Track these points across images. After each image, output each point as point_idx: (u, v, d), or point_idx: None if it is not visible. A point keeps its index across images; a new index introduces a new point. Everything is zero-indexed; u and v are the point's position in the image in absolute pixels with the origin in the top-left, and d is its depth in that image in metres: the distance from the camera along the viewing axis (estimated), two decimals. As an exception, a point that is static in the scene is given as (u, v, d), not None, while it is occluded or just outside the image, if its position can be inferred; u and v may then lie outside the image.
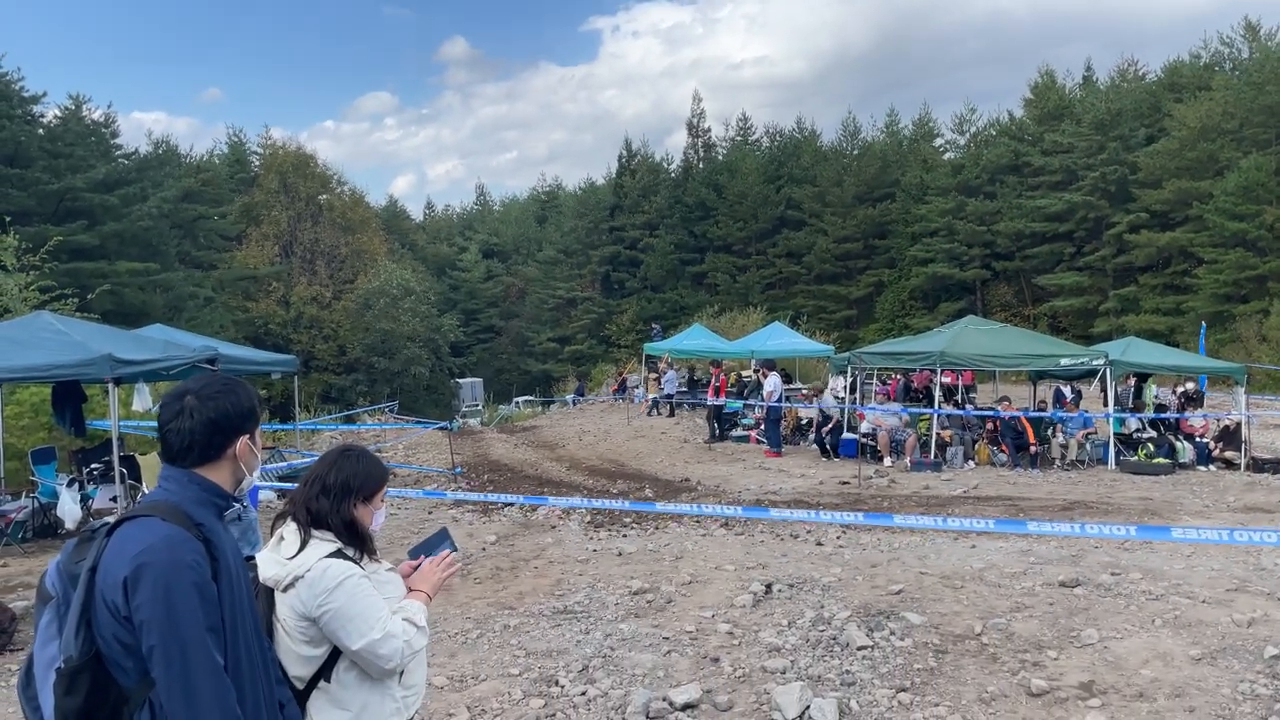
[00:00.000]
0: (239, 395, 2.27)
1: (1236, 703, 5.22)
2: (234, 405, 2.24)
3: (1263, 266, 38.61)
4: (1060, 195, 48.96)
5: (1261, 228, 38.57)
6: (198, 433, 2.16)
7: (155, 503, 2.10)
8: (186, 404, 2.19)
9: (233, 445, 2.22)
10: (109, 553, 1.98)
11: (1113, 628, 6.50)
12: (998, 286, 53.90)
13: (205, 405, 2.19)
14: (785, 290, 60.37)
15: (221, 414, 2.20)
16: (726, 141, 71.10)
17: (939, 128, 62.95)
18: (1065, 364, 17.59)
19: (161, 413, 2.22)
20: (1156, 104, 47.69)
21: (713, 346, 26.68)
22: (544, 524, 11.17)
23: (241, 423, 2.25)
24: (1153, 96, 49.15)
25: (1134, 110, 48.56)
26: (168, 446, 2.19)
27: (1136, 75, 53.93)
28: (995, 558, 8.66)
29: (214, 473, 2.20)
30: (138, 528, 2.01)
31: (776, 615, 7.02)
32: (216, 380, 2.28)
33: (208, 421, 2.17)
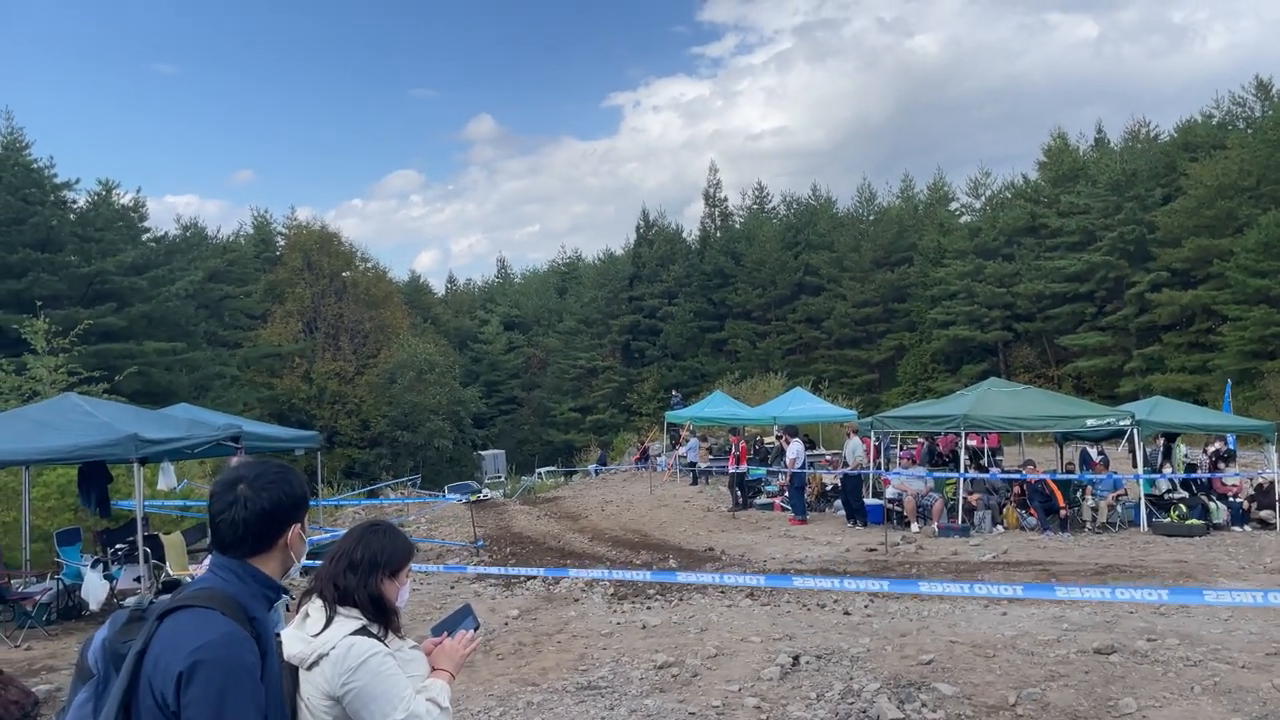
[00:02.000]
0: (291, 484, 2.24)
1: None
2: (287, 494, 2.21)
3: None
4: (1079, 256, 48.96)
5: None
6: (251, 523, 2.13)
7: (212, 592, 2.04)
8: (240, 493, 2.16)
9: (285, 535, 2.19)
10: (161, 640, 1.93)
11: (1151, 696, 6.33)
12: (1020, 348, 53.64)
13: (259, 495, 2.16)
14: (806, 355, 60.34)
15: (275, 503, 2.17)
16: (743, 210, 71.98)
17: (954, 192, 63.52)
18: (1092, 425, 17.37)
19: (213, 501, 2.19)
20: (1171, 163, 47.89)
21: (734, 413, 26.61)
22: (567, 597, 11.05)
23: (294, 512, 2.23)
24: (1167, 156, 49.38)
25: (1149, 170, 48.77)
26: (219, 535, 2.15)
27: (1149, 136, 54.28)
28: (1027, 625, 8.47)
29: (265, 563, 2.17)
30: (194, 619, 1.95)
31: (805, 688, 6.88)
32: (269, 468, 2.25)
33: (261, 512, 2.14)
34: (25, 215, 35.59)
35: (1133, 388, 41.76)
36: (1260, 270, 38.99)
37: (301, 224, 58.69)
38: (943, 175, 66.26)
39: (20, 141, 38.71)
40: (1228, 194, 41.98)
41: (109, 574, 11.36)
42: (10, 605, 10.77)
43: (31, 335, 19.83)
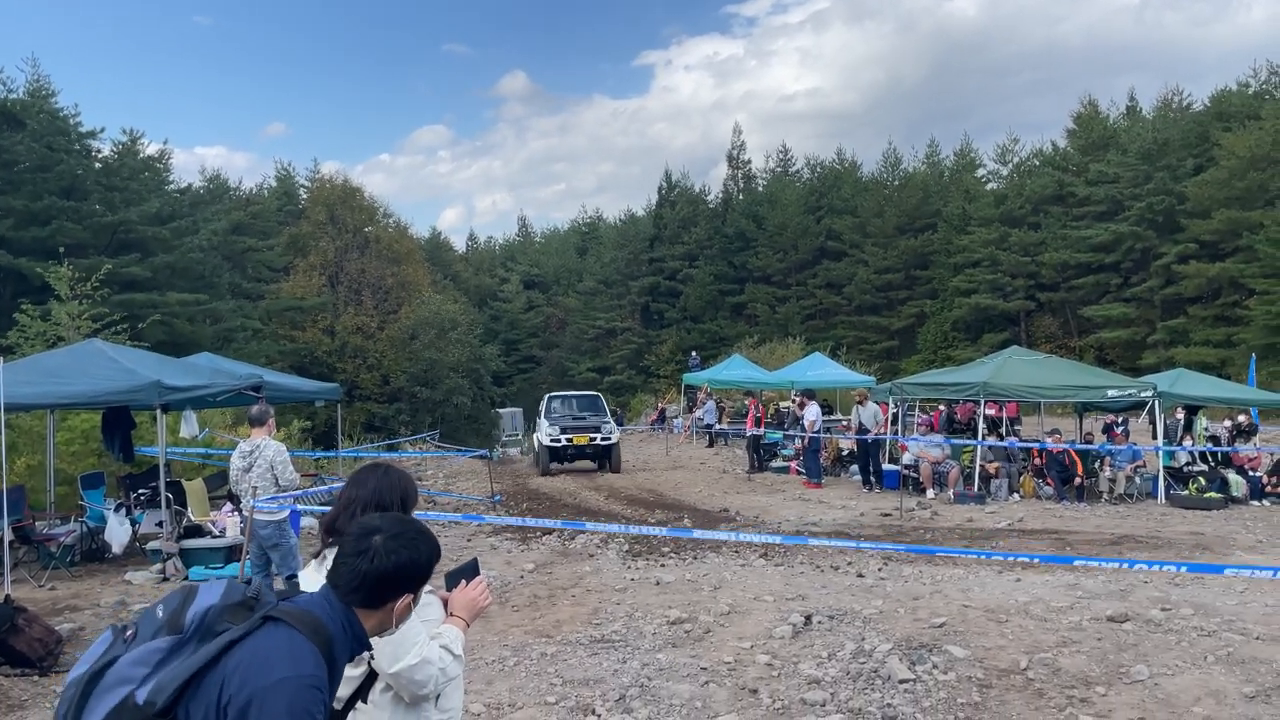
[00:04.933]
0: (424, 550, 2.20)
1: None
2: (416, 560, 2.16)
3: (1317, 298, 37.69)
4: (1106, 225, 48.33)
5: (1317, 259, 37.71)
6: (372, 578, 2.09)
7: (318, 624, 1.99)
8: (374, 545, 2.12)
9: (396, 600, 2.15)
10: (252, 649, 1.88)
11: (1163, 664, 6.33)
12: (1042, 318, 53.20)
13: (391, 554, 2.11)
14: (825, 321, 60.09)
15: (401, 567, 2.13)
16: (767, 173, 71.33)
17: (981, 158, 62.67)
18: (1113, 395, 17.24)
19: (346, 542, 2.17)
20: (1204, 133, 47.01)
21: (752, 377, 26.61)
22: (582, 553, 11.15)
23: (415, 582, 2.19)
24: (1200, 126, 48.47)
25: (1181, 140, 47.92)
26: (337, 573, 2.12)
27: (1182, 105, 53.26)
28: (1041, 591, 8.48)
29: (367, 617, 2.12)
30: (290, 645, 1.90)
31: (816, 647, 6.93)
32: (411, 527, 2.22)
33: (385, 572, 2.10)
34: (50, 163, 35.66)
35: (1155, 360, 41.37)
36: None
37: (324, 178, 58.68)
38: (970, 141, 65.57)
39: (46, 89, 38.69)
40: (1260, 165, 41.21)
41: (132, 518, 11.54)
42: (35, 546, 10.98)
43: (56, 281, 19.98)
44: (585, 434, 20.91)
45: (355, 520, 2.76)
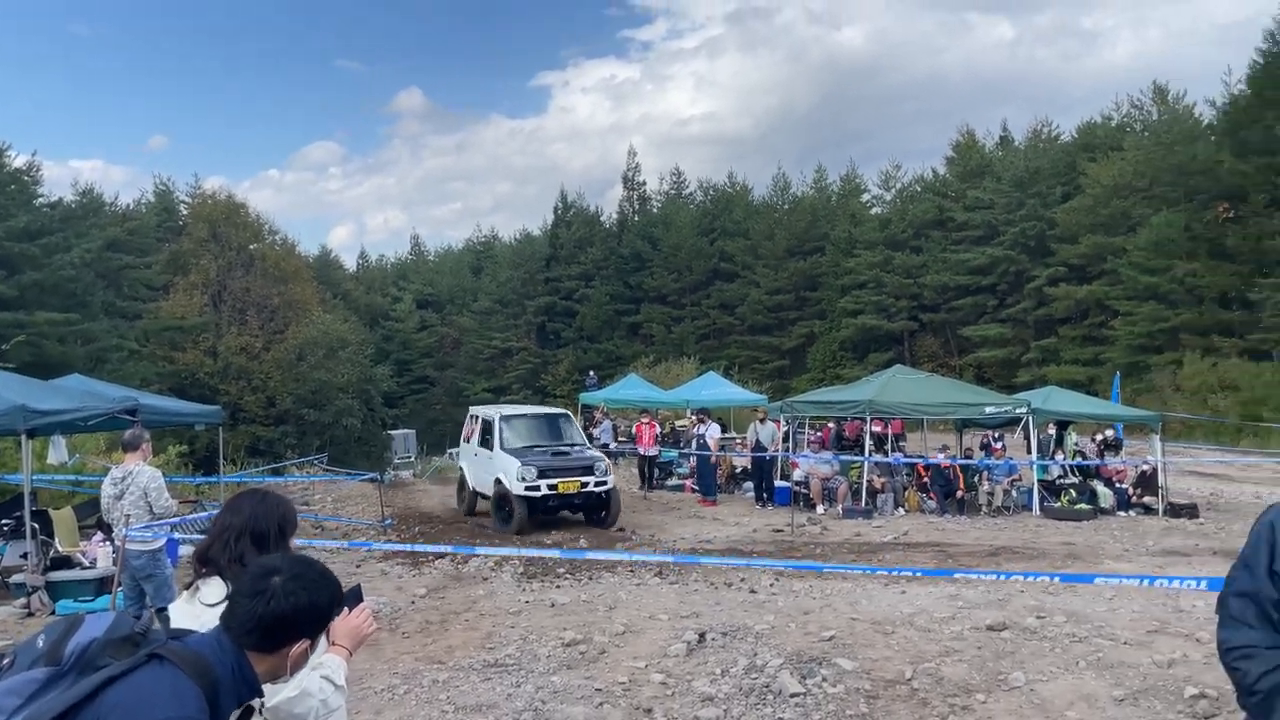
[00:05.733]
0: (326, 593, 2.13)
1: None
2: (314, 604, 2.09)
3: (1174, 319, 40.24)
4: (983, 249, 50.56)
5: (1173, 281, 40.28)
6: (267, 620, 2.00)
7: (206, 666, 1.90)
8: (272, 586, 2.03)
9: (292, 645, 2.06)
10: (131, 689, 1.79)
11: (1039, 670, 6.62)
12: (925, 338, 55.15)
13: (289, 596, 2.03)
14: (719, 341, 60.95)
15: (300, 610, 2.05)
16: (662, 195, 72.12)
17: (866, 183, 64.72)
18: (990, 412, 18.04)
19: (243, 581, 2.08)
20: (1072, 163, 49.67)
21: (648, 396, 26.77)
22: (476, 576, 11.00)
23: (314, 626, 2.11)
24: (1068, 156, 51.19)
25: (1051, 169, 50.54)
26: (231, 614, 2.03)
27: (1051, 136, 56.15)
28: (925, 603, 8.76)
29: (260, 662, 2.03)
30: (173, 687, 1.82)
31: (710, 664, 7.00)
32: (313, 570, 2.13)
33: (282, 615, 2.02)
34: (-96, 174, 33.58)
35: (1029, 378, 43.30)
36: (1150, 268, 40.87)
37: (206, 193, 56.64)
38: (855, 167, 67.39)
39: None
40: (1123, 194, 43.81)
41: (-6, 551, 10.86)
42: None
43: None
44: (574, 478, 14.66)
45: (230, 548, 2.68)
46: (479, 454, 16.38)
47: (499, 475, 14.94)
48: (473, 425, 17.09)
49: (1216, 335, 39.14)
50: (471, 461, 16.90)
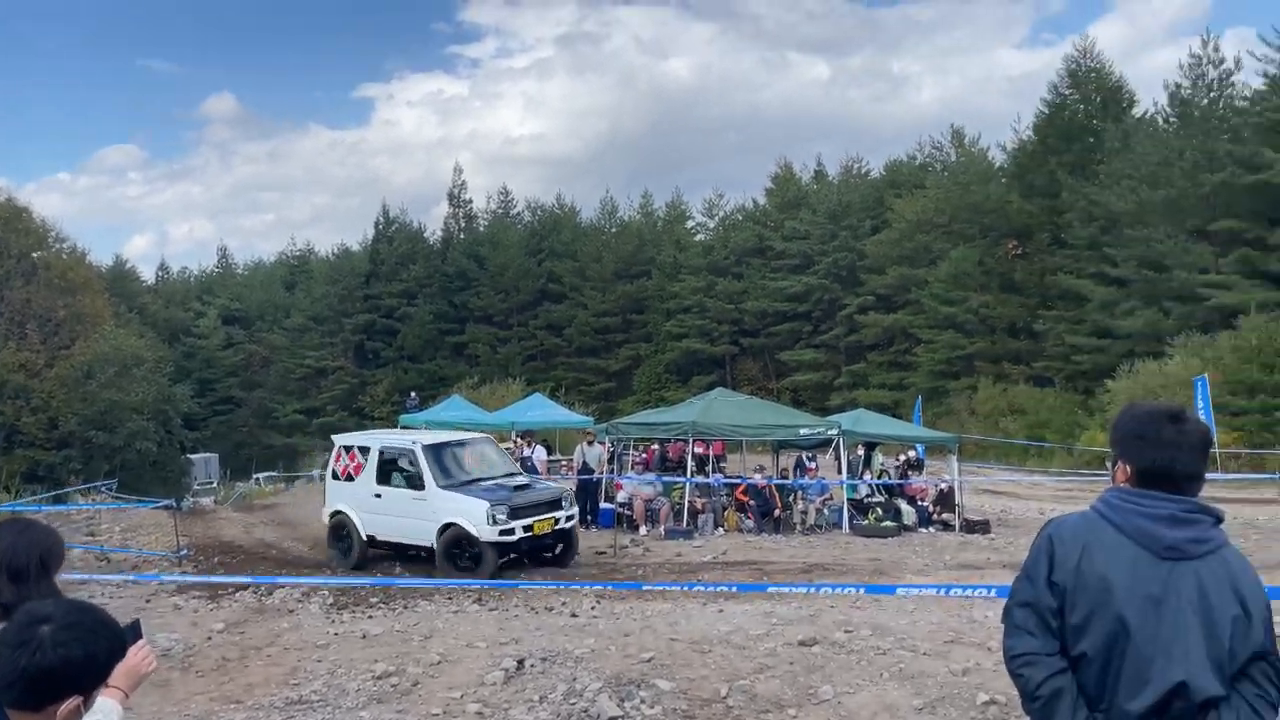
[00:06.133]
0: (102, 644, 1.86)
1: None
2: (89, 656, 1.83)
3: (970, 347, 43.36)
4: (799, 277, 52.87)
5: (969, 312, 43.41)
6: (30, 673, 1.75)
7: None
8: (40, 635, 1.77)
9: (61, 702, 1.79)
10: None
11: (846, 683, 6.82)
12: (745, 361, 56.97)
13: (59, 648, 1.77)
14: (546, 362, 60.82)
15: (71, 663, 1.79)
16: (488, 214, 71.41)
17: (691, 210, 66.42)
18: (804, 433, 18.73)
19: (8, 630, 1.81)
20: (880, 198, 52.76)
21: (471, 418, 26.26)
22: (281, 608, 10.38)
23: (88, 680, 1.84)
24: (876, 191, 54.38)
25: (861, 203, 53.53)
26: None
27: (861, 172, 59.51)
28: (741, 621, 8.91)
29: None
30: None
31: (528, 691, 6.84)
32: (89, 617, 1.87)
33: (50, 668, 1.76)
34: None
35: (841, 401, 45.42)
36: (949, 299, 43.89)
37: (-17, 195, 51.68)
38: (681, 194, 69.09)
39: None
40: (925, 229, 46.86)
41: None
42: None
43: None
44: (547, 515, 13.08)
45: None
46: (389, 494, 13.55)
47: (452, 519, 12.63)
48: (355, 459, 14.13)
49: (1007, 362, 42.38)
50: (368, 504, 13.66)
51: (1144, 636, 2.27)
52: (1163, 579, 2.29)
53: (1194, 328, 31.96)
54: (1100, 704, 2.31)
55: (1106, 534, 2.38)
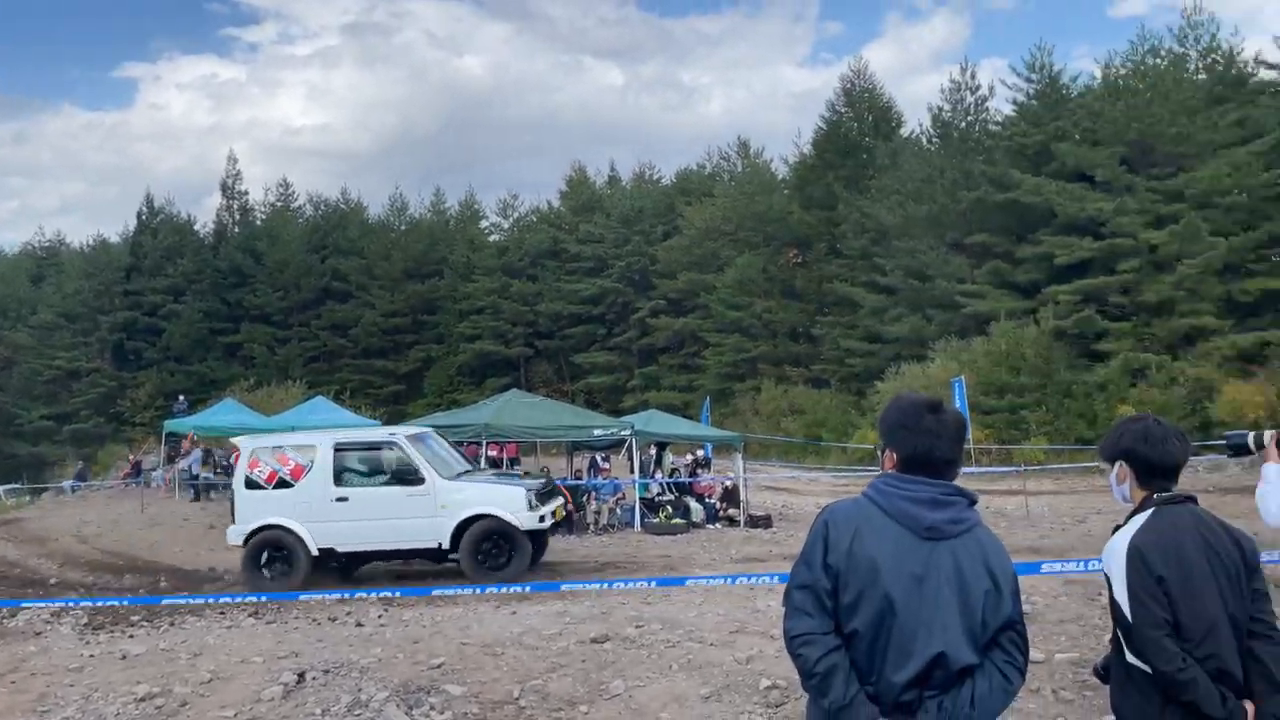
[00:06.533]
0: None
1: (739, 732, 5.78)
2: None
3: (755, 350, 45.36)
4: (593, 280, 53.49)
5: (753, 317, 45.44)
6: None
7: None
8: None
9: None
10: None
11: (636, 677, 6.92)
12: (540, 364, 56.95)
13: None
14: (330, 364, 58.30)
15: None
16: (267, 206, 67.59)
17: (484, 210, 65.69)
18: (598, 434, 18.94)
19: None
20: (671, 204, 54.20)
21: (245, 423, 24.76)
22: (26, 631, 9.38)
23: None
24: (668, 198, 55.83)
25: (653, 209, 54.80)
26: None
27: (653, 179, 60.92)
28: (534, 621, 8.86)
29: None
30: None
31: (310, 704, 6.50)
32: None
33: None
34: None
35: (633, 402, 46.30)
36: (735, 304, 45.76)
37: None
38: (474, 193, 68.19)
39: None
40: (714, 236, 48.59)
41: None
42: None
43: None
44: (558, 503, 13.44)
45: None
46: (360, 496, 12.23)
47: (481, 510, 11.96)
48: (289, 462, 12.43)
49: (788, 365, 44.61)
50: (321, 512, 12.05)
51: (908, 612, 2.42)
52: (924, 558, 2.46)
53: (952, 333, 34.80)
54: (870, 677, 2.45)
55: (875, 517, 2.53)
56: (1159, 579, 2.70)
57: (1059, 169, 35.19)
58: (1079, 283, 33.07)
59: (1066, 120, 36.74)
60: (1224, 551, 2.76)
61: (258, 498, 12.25)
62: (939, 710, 2.39)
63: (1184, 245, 30.80)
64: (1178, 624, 2.68)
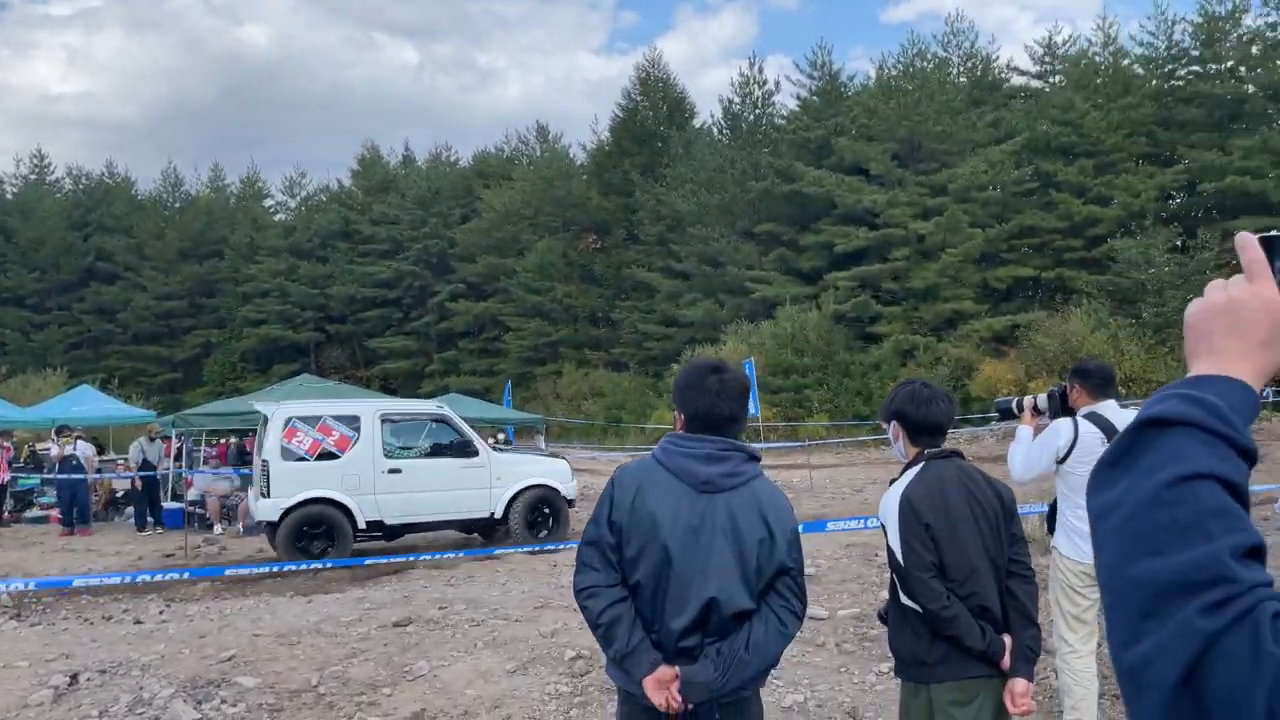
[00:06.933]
0: None
1: (544, 703, 5.91)
2: None
3: (556, 334, 45.57)
4: (389, 263, 51.98)
5: (553, 301, 45.60)
6: None
7: None
8: None
9: None
10: None
11: (441, 657, 6.91)
12: (332, 349, 54.86)
13: None
14: (95, 351, 53.85)
15: None
16: (19, 179, 61.33)
17: (269, 188, 62.37)
18: (395, 419, 18.48)
19: None
20: (469, 187, 53.45)
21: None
22: None
23: None
24: (466, 180, 55.01)
25: (450, 191, 53.84)
26: None
27: (450, 160, 59.82)
28: (332, 610, 8.64)
29: None
30: None
31: (85, 707, 6.08)
32: None
33: None
34: None
35: (432, 388, 45.47)
36: (536, 288, 45.76)
37: None
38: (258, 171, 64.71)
39: None
40: (513, 220, 48.38)
41: None
42: None
43: None
44: None
45: None
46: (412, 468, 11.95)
47: (536, 481, 12.64)
48: (333, 433, 11.72)
49: (588, 349, 45.14)
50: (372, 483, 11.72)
51: (683, 562, 2.58)
52: (700, 510, 2.62)
53: (743, 317, 36.34)
54: (654, 625, 2.62)
55: (657, 474, 2.69)
56: (926, 526, 3.01)
57: (838, 162, 37.39)
58: (856, 269, 35.33)
59: (845, 116, 39.05)
60: (985, 500, 3.11)
61: (299, 470, 11.49)
62: (718, 655, 2.55)
63: (947, 236, 33.53)
64: (943, 566, 3.00)
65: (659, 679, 2.52)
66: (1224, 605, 0.72)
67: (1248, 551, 0.76)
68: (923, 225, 34.04)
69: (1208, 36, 34.79)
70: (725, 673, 2.52)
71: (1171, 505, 0.78)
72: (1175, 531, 0.77)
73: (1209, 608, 0.72)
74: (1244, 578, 0.74)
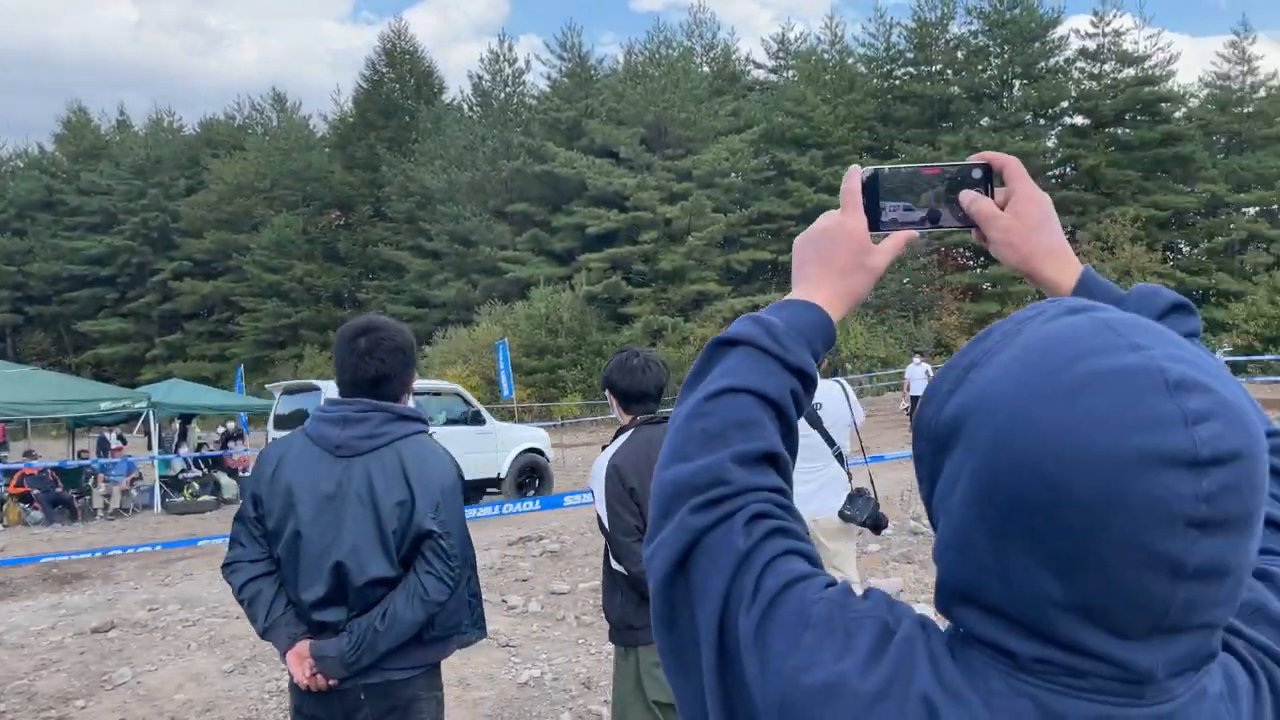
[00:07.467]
0: None
1: (263, 701, 5.50)
2: None
3: (295, 315, 43.12)
4: (100, 238, 47.27)
5: (293, 280, 43.10)
6: None
7: None
8: None
9: None
10: None
11: (147, 662, 6.31)
12: (33, 333, 49.31)
13: None
14: None
15: None
16: None
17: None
18: (106, 408, 16.79)
19: None
20: (195, 156, 49.45)
21: None
22: None
23: None
24: (191, 149, 50.85)
25: (174, 159, 49.59)
26: None
27: (174, 126, 54.97)
28: (20, 619, 7.68)
29: None
30: None
31: None
32: None
33: None
34: None
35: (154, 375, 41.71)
36: (273, 266, 43.07)
37: None
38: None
39: None
40: (246, 193, 45.26)
41: None
42: None
43: None
44: None
45: None
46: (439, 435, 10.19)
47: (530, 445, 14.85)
48: None
49: (332, 331, 42.96)
50: None
51: (315, 531, 2.43)
52: (337, 476, 2.46)
53: (496, 298, 36.02)
54: (295, 599, 2.48)
55: (300, 445, 2.54)
56: (631, 490, 3.00)
57: (589, 144, 37.82)
58: (608, 251, 35.95)
59: (595, 99, 39.53)
60: None
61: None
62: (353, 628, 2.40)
63: (693, 220, 34.81)
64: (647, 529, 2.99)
65: (298, 654, 2.42)
66: (714, 505, 0.77)
67: (761, 458, 0.80)
68: (670, 209, 35.12)
69: (920, 41, 38.19)
70: (358, 646, 2.37)
71: (704, 416, 0.83)
72: (703, 440, 0.81)
73: (700, 506, 0.77)
74: (738, 480, 0.78)
